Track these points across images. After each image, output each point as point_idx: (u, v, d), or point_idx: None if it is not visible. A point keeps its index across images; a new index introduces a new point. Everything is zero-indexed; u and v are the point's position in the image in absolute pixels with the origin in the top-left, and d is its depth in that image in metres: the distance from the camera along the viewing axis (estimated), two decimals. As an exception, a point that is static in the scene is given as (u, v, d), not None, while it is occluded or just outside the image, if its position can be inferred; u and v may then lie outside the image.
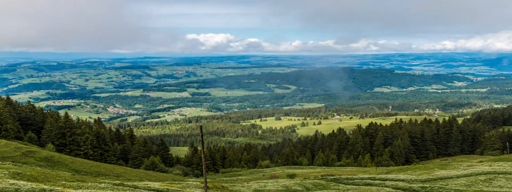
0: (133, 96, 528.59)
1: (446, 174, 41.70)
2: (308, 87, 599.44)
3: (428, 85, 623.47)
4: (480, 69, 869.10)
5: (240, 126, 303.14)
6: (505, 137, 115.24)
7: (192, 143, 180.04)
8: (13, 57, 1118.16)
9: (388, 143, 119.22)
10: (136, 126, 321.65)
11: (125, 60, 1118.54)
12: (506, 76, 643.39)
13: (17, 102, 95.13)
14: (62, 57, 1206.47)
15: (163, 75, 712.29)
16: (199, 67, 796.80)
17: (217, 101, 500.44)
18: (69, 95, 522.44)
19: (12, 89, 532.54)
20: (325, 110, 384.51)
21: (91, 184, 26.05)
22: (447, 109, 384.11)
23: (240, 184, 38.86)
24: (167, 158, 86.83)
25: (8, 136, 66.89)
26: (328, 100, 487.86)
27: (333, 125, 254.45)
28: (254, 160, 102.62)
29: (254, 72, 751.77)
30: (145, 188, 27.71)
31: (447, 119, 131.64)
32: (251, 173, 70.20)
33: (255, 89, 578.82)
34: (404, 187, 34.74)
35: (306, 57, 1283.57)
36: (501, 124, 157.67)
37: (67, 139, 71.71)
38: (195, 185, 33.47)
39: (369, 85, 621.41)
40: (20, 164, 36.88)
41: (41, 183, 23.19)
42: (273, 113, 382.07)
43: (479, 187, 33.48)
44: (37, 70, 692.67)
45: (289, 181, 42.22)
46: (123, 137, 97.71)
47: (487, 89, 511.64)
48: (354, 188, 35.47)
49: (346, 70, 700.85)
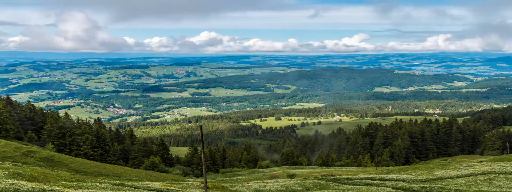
0: (133, 96, 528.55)
1: (446, 174, 41.69)
2: (308, 87, 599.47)
3: (428, 85, 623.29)
4: (480, 69, 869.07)
5: (240, 126, 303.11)
6: (505, 137, 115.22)
7: (192, 143, 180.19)
8: (13, 57, 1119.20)
9: (388, 143, 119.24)
10: (136, 126, 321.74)
11: (125, 60, 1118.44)
12: (506, 76, 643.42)
13: (17, 102, 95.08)
14: (62, 57, 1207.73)
15: (163, 75, 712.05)
16: (199, 67, 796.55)
17: (217, 101, 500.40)
18: (69, 95, 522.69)
19: (12, 89, 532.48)
20: (325, 110, 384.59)
21: (91, 184, 26.04)
22: (447, 109, 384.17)
23: (240, 184, 38.85)
24: (167, 158, 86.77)
25: (8, 136, 66.87)
26: (328, 100, 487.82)
27: (333, 125, 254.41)
28: (254, 160, 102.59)
29: (254, 72, 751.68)
30: (145, 188, 27.71)
31: (447, 119, 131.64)
32: (251, 173, 70.16)
33: (255, 89, 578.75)
34: (404, 187, 34.73)
35: (306, 57, 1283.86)
36: (501, 124, 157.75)
37: (67, 139, 71.69)
38: (195, 185, 33.47)
39: (369, 85, 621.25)
40: (20, 164, 36.87)
41: (41, 183, 23.19)
42: (273, 113, 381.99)
43: (479, 187, 33.47)
44: (37, 70, 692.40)
45: (289, 181, 42.21)
46: (123, 137, 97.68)
47: (487, 89, 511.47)
48: (354, 188, 35.46)
49: (346, 70, 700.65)
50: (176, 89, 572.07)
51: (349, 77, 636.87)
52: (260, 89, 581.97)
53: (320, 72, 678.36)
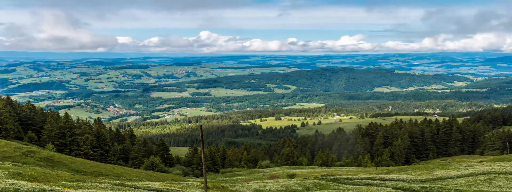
0: (133, 96, 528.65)
1: (446, 174, 41.68)
2: (308, 87, 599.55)
3: (428, 85, 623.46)
4: (480, 69, 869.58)
5: (240, 126, 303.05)
6: (505, 137, 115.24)
7: (192, 143, 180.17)
8: (13, 57, 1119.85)
9: (388, 143, 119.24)
10: (136, 126, 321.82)
11: (125, 60, 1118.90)
12: (506, 76, 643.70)
13: (17, 102, 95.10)
14: (62, 57, 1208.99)
15: (163, 75, 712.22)
16: (199, 67, 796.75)
17: (217, 101, 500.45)
18: (69, 95, 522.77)
19: (12, 89, 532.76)
20: (325, 110, 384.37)
21: (91, 184, 26.05)
22: (447, 109, 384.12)
23: (240, 184, 38.85)
24: (167, 158, 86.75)
25: (8, 136, 66.89)
26: (328, 100, 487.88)
27: (333, 125, 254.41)
28: (254, 160, 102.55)
29: (254, 72, 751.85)
30: (145, 188, 27.71)
31: (447, 119, 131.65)
32: (251, 173, 70.11)
33: (255, 89, 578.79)
34: (404, 187, 34.72)
35: (306, 57, 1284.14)
36: (501, 124, 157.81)
37: (67, 139, 71.69)
38: (195, 185, 33.47)
39: (369, 85, 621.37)
40: (20, 164, 36.88)
41: (41, 183, 23.19)
42: (273, 113, 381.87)
43: (479, 187, 33.48)
44: (37, 70, 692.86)
45: (289, 181, 42.21)
46: (123, 137, 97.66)
47: (487, 89, 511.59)
48: (354, 188, 35.45)
49: (346, 70, 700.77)
50: (176, 89, 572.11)
51: (349, 77, 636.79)
52: (260, 89, 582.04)
53: (320, 72, 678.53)
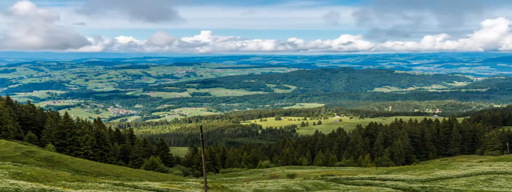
0: (133, 96, 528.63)
1: (446, 174, 41.68)
2: (308, 87, 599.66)
3: (428, 85, 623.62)
4: (480, 69, 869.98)
5: (240, 126, 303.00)
6: (505, 137, 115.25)
7: (192, 143, 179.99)
8: (13, 57, 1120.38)
9: (388, 143, 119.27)
10: (136, 126, 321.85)
11: (125, 60, 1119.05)
12: (506, 76, 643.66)
13: (17, 102, 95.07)
14: (62, 57, 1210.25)
15: (163, 75, 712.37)
16: (199, 67, 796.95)
17: (217, 101, 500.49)
18: (69, 95, 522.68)
19: (12, 89, 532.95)
20: (325, 110, 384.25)
21: (91, 184, 26.05)
22: (447, 109, 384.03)
23: (240, 184, 38.84)
24: (167, 158, 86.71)
25: (8, 136, 66.85)
26: (328, 100, 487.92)
27: (333, 125, 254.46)
28: (254, 160, 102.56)
29: (254, 72, 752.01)
30: (145, 188, 27.71)
31: (447, 119, 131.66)
32: (251, 173, 70.12)
33: (255, 89, 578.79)
34: (404, 187, 34.72)
35: (306, 57, 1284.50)
36: (501, 124, 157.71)
37: (67, 139, 71.66)
38: (195, 185, 33.47)
39: (369, 85, 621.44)
40: (20, 164, 36.88)
41: (41, 183, 23.19)
42: (273, 113, 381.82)
43: (479, 187, 33.47)
44: (37, 70, 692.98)
45: (289, 181, 42.21)
46: (123, 137, 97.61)
47: (487, 89, 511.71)
48: (354, 188, 35.45)
49: (346, 70, 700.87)
50: (176, 89, 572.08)
51: (349, 77, 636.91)
52: (260, 89, 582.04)
53: (320, 72, 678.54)
